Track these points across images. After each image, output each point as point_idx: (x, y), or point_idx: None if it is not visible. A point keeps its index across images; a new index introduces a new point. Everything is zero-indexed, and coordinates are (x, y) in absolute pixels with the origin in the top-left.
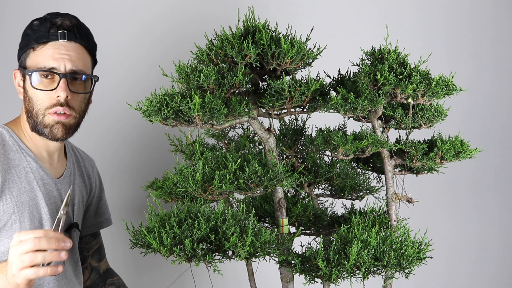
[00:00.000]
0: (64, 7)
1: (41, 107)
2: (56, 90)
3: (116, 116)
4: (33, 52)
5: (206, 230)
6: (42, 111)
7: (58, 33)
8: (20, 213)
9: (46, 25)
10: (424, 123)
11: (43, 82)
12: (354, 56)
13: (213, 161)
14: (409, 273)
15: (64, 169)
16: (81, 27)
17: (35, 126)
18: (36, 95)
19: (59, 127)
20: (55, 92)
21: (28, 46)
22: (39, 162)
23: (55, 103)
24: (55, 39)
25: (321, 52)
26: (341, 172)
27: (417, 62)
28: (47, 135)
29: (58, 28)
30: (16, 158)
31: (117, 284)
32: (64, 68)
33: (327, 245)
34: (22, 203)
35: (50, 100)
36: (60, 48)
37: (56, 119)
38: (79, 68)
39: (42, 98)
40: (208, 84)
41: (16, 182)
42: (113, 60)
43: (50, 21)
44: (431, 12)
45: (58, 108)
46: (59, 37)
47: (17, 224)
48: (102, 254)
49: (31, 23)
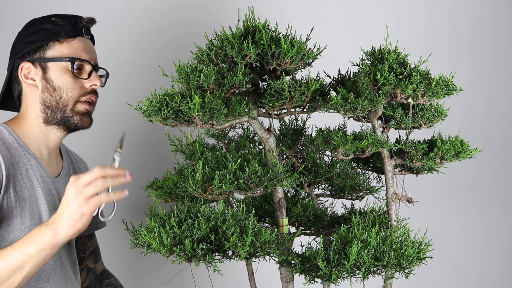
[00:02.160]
0: (64, 6)
1: (73, 94)
2: (91, 79)
3: (116, 116)
4: (60, 44)
5: (206, 230)
6: (74, 99)
7: (83, 30)
8: (21, 208)
9: (71, 21)
10: (424, 123)
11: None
12: (354, 56)
13: (213, 161)
14: (409, 273)
15: (61, 169)
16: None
17: (60, 116)
18: (66, 83)
19: (87, 116)
20: (89, 81)
21: (51, 39)
22: (38, 159)
23: (88, 91)
24: (81, 34)
25: (321, 52)
26: (341, 172)
27: (417, 62)
28: (76, 123)
29: (83, 25)
30: (16, 155)
31: (114, 285)
32: (94, 61)
33: (327, 245)
34: (24, 198)
35: (82, 89)
36: (87, 43)
37: (88, 108)
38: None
39: (74, 87)
40: (208, 84)
41: (18, 178)
42: (113, 60)
43: (75, 18)
44: (431, 12)
45: (91, 96)
46: (85, 33)
47: (18, 219)
48: (98, 255)
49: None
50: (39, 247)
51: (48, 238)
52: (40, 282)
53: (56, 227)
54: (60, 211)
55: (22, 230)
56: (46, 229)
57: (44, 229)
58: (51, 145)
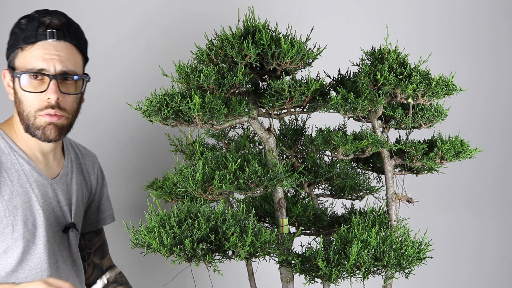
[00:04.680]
0: (64, 6)
1: (31, 109)
2: (46, 92)
3: (116, 116)
4: (22, 52)
5: (206, 230)
6: (33, 113)
7: (47, 33)
8: (13, 216)
9: (34, 24)
10: (424, 123)
11: (33, 83)
12: (354, 56)
13: (213, 161)
14: (409, 273)
15: (61, 169)
16: (70, 25)
17: (27, 128)
18: (26, 97)
19: (51, 128)
20: (46, 94)
21: (16, 46)
22: (32, 163)
23: (46, 105)
24: (43, 38)
25: (321, 52)
26: (341, 172)
27: (417, 62)
28: (39, 137)
29: (46, 27)
30: (8, 161)
31: (120, 282)
32: (54, 69)
33: (327, 245)
34: (15, 206)
35: (41, 102)
36: (49, 48)
37: (48, 120)
38: (69, 68)
39: (32, 100)
40: (208, 84)
41: (8, 185)
42: (113, 60)
43: (38, 20)
44: (431, 12)
45: (49, 111)
46: (48, 36)
47: (10, 228)
48: (105, 251)
49: (19, 21)
50: None
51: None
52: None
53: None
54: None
55: (15, 239)
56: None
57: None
58: (45, 149)
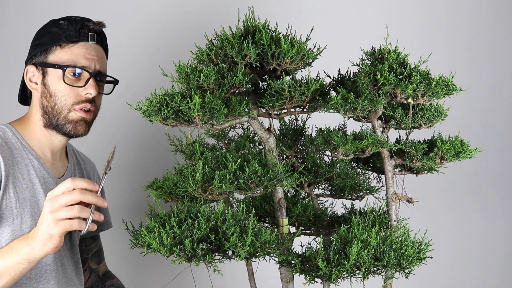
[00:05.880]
0: (65, 6)
1: (67, 102)
2: (86, 87)
3: (116, 116)
4: (61, 49)
5: (206, 230)
6: (68, 107)
7: (89, 35)
8: (22, 208)
9: (77, 25)
10: (424, 123)
11: (71, 79)
12: (354, 56)
13: (213, 161)
14: (409, 273)
15: (65, 170)
16: (103, 33)
17: (55, 122)
18: (61, 90)
19: (82, 124)
20: (85, 89)
21: (53, 43)
22: (41, 160)
23: (83, 99)
24: (85, 39)
25: (321, 52)
26: (341, 172)
27: (417, 62)
28: (69, 131)
29: (89, 30)
30: (18, 155)
31: (116, 286)
32: (94, 67)
33: (327, 245)
34: (24, 199)
35: (77, 97)
36: (90, 49)
37: (82, 116)
38: (104, 70)
39: (68, 94)
40: (208, 84)
41: (19, 178)
42: (112, 60)
43: (81, 22)
44: (431, 12)
45: (86, 105)
46: (90, 38)
47: (19, 219)
48: (101, 256)
49: (56, 22)
50: (17, 261)
51: (25, 253)
52: (40, 284)
53: (33, 243)
54: (37, 226)
55: (22, 231)
56: (25, 243)
57: (23, 243)
58: (55, 147)
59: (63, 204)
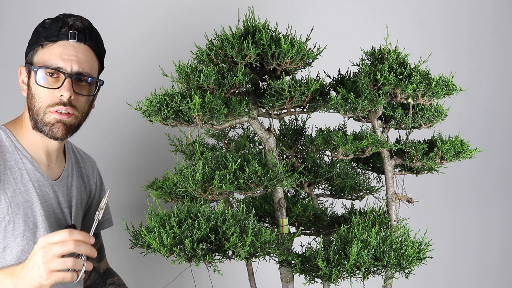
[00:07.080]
0: (65, 7)
1: (42, 104)
2: (60, 89)
3: (116, 116)
4: (41, 49)
5: (206, 230)
6: (43, 109)
7: (69, 33)
8: (15, 214)
9: (58, 24)
10: (424, 123)
11: (48, 80)
12: (354, 56)
13: (213, 161)
14: (409, 273)
15: (62, 171)
16: (92, 30)
17: (35, 124)
18: (39, 92)
19: (59, 126)
20: (59, 91)
21: (37, 43)
22: (35, 163)
23: (58, 102)
24: (65, 38)
25: (321, 52)
26: (341, 172)
27: (417, 62)
28: (46, 133)
29: (69, 28)
30: (12, 159)
31: (117, 284)
32: (71, 68)
33: (327, 245)
34: (17, 204)
35: (53, 99)
36: (69, 48)
37: (58, 118)
38: (85, 70)
39: (45, 96)
40: (208, 84)
41: (12, 183)
42: (112, 60)
43: (62, 20)
44: (431, 12)
45: (60, 107)
46: (69, 37)
47: (11, 225)
48: (102, 254)
49: (44, 21)
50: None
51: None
52: None
53: (19, 283)
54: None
55: (15, 237)
56: (9, 280)
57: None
58: (49, 148)
59: (57, 254)
